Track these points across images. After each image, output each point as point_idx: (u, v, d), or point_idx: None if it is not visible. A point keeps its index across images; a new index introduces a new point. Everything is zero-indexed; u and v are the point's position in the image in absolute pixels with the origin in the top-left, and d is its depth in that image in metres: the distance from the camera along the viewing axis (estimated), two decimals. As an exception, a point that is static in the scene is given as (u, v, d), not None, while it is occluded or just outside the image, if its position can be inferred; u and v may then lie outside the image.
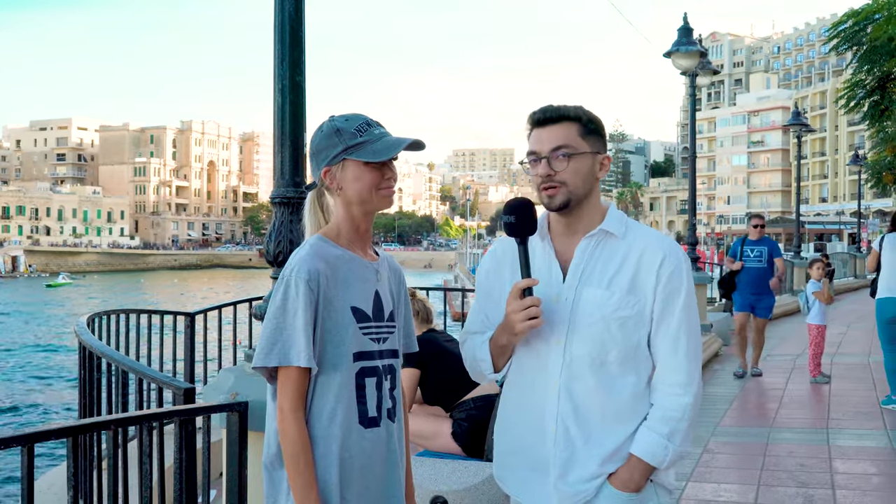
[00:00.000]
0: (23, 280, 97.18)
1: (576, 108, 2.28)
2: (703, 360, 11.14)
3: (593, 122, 2.28)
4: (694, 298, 2.27)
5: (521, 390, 2.33)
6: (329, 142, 2.26)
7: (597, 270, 2.24)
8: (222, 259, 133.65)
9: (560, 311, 2.24)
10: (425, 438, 4.80)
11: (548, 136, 2.24)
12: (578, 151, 2.23)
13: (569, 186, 2.23)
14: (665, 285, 2.21)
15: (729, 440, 7.09)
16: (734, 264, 10.49)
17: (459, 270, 74.50)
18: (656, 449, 2.19)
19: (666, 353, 2.23)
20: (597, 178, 2.30)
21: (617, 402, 2.22)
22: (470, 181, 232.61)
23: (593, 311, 2.21)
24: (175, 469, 2.94)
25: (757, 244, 10.41)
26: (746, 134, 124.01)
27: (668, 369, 2.22)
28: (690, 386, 2.21)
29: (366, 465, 2.24)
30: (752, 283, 10.31)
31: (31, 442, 2.34)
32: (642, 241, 2.26)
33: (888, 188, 25.53)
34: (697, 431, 7.12)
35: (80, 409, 5.08)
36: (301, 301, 2.15)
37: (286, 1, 3.65)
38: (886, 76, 15.12)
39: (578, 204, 2.26)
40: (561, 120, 2.25)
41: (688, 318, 2.23)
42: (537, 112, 2.28)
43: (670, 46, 13.09)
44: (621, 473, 2.21)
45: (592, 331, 2.21)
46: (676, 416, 2.20)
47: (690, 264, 2.33)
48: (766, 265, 10.32)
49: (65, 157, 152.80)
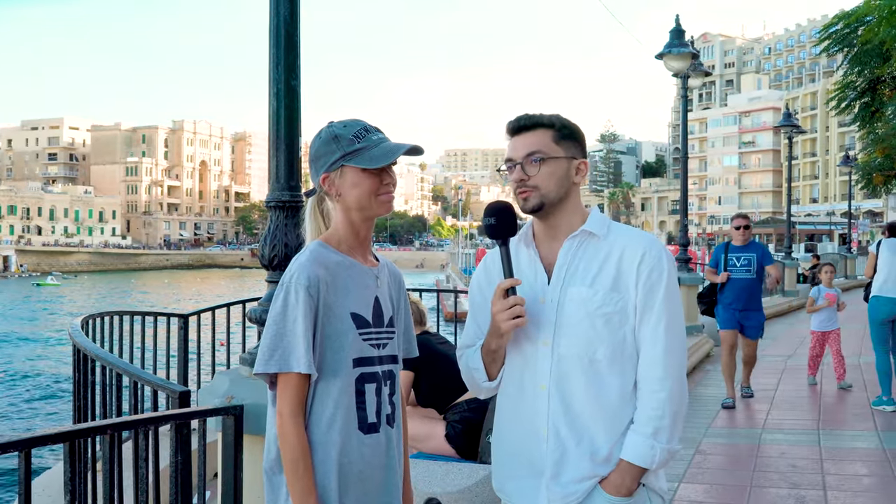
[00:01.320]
0: (14, 280, 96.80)
1: (550, 116, 2.33)
2: (695, 361, 11.20)
3: (568, 128, 2.32)
4: (676, 294, 2.28)
5: (513, 395, 2.35)
6: (327, 148, 2.28)
7: (580, 270, 2.27)
8: (214, 259, 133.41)
9: (546, 312, 2.27)
10: (419, 440, 4.82)
11: (522, 143, 2.30)
12: (551, 156, 2.27)
13: (541, 190, 2.27)
14: (645, 280, 2.23)
15: (721, 441, 7.12)
16: (717, 276, 8.75)
17: (451, 270, 74.59)
18: (643, 450, 2.20)
19: (646, 348, 2.24)
20: (574, 183, 2.33)
21: (607, 400, 2.23)
22: (462, 181, 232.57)
23: (578, 309, 2.24)
24: (171, 472, 2.95)
25: (743, 250, 8.68)
26: (737, 134, 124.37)
27: (647, 364, 2.24)
28: (666, 380, 2.21)
29: (364, 470, 2.25)
30: (739, 298, 8.64)
31: (28, 447, 2.35)
32: (623, 239, 2.29)
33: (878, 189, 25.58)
34: (689, 433, 7.16)
35: (74, 411, 5.08)
36: (301, 307, 2.16)
37: (281, 5, 3.66)
38: (877, 78, 15.19)
39: (554, 207, 2.30)
40: (535, 127, 2.30)
41: (668, 313, 2.24)
42: (512, 121, 2.34)
43: (662, 48, 13.14)
44: (613, 478, 2.22)
45: (578, 329, 2.23)
46: (657, 414, 2.20)
47: (673, 261, 2.33)
48: (754, 275, 8.65)
49: (56, 157, 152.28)
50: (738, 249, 8.71)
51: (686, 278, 13.09)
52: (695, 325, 12.63)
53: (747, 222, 8.79)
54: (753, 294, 8.72)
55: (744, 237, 8.70)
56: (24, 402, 24.69)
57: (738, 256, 8.67)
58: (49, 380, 28.11)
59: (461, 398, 4.86)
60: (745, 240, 8.70)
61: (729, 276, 8.63)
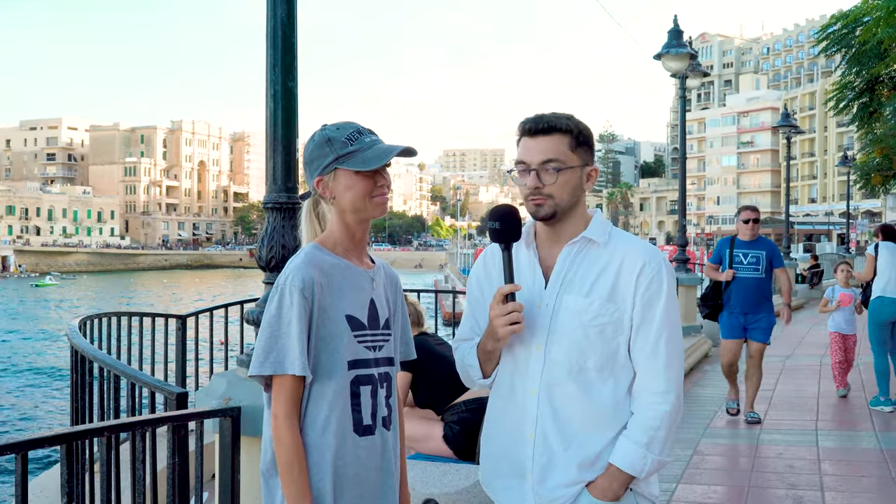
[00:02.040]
0: (12, 280, 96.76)
1: (567, 120, 2.27)
2: (693, 362, 11.21)
3: (583, 134, 2.28)
4: (675, 306, 2.27)
5: (504, 396, 2.36)
6: (320, 151, 2.28)
7: (578, 277, 2.25)
8: (212, 259, 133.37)
9: (541, 317, 2.26)
10: (416, 441, 4.82)
11: (538, 148, 2.24)
12: (568, 165, 2.23)
13: (556, 199, 2.24)
14: (644, 292, 2.22)
15: (719, 442, 7.12)
16: (720, 274, 7.78)
17: (450, 270, 74.61)
18: (634, 458, 2.19)
19: (645, 361, 2.23)
20: (584, 190, 2.30)
21: (596, 408, 2.22)
22: (460, 181, 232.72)
23: (573, 318, 2.23)
24: (168, 473, 2.95)
25: (751, 247, 7.69)
26: (736, 135, 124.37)
27: (647, 377, 2.23)
28: (669, 394, 2.21)
29: (360, 473, 2.25)
30: (746, 300, 7.66)
31: (25, 449, 2.36)
32: (623, 248, 2.27)
33: (877, 189, 25.61)
34: (687, 433, 7.16)
35: (72, 412, 5.08)
36: (295, 310, 2.16)
37: (278, 7, 3.66)
38: (875, 79, 15.18)
39: (564, 214, 2.28)
40: (552, 132, 2.24)
41: (668, 326, 2.23)
42: (529, 121, 2.27)
43: (661, 49, 13.14)
44: (600, 482, 2.21)
45: (572, 337, 2.22)
46: (655, 425, 2.20)
47: (672, 272, 2.32)
48: (763, 275, 7.65)
49: (55, 157, 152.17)
50: (745, 245, 7.71)
51: (684, 279, 13.11)
52: (693, 326, 12.64)
53: (756, 215, 7.79)
54: (763, 295, 7.71)
55: (752, 232, 7.69)
56: (21, 401, 24.68)
57: (744, 253, 7.68)
58: (47, 379, 28.12)
59: (459, 399, 4.86)
60: (753, 235, 7.69)
61: (734, 275, 7.67)
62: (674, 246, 15.70)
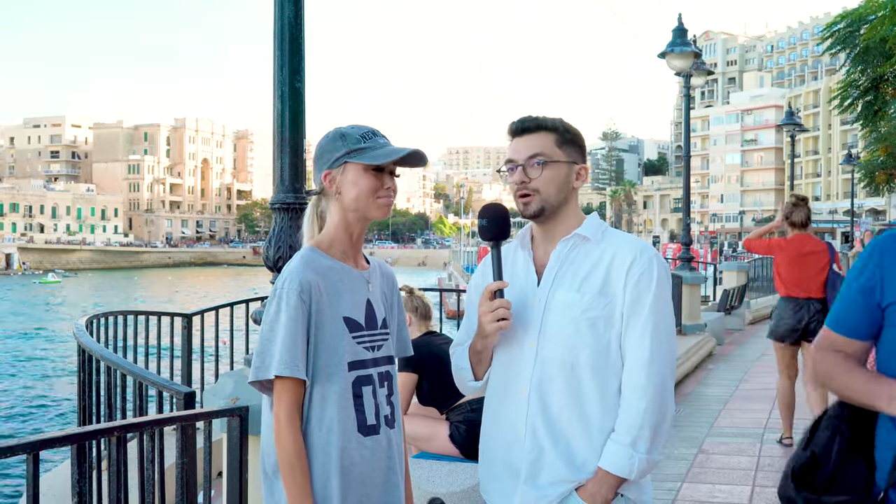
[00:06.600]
0: (17, 277, 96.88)
1: (553, 119, 2.33)
2: (696, 361, 11.19)
3: (570, 133, 2.33)
4: (666, 301, 2.25)
5: (498, 395, 2.36)
6: (333, 145, 2.31)
7: (569, 273, 2.27)
8: (216, 256, 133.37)
9: (533, 314, 2.27)
10: (422, 440, 4.82)
11: (524, 145, 2.30)
12: (553, 160, 2.28)
13: (542, 194, 2.27)
14: (634, 286, 2.21)
15: (724, 441, 7.12)
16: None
17: (453, 268, 74.51)
18: (621, 459, 2.17)
19: (631, 355, 2.21)
20: (573, 188, 2.33)
21: (587, 405, 2.22)
22: (464, 179, 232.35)
23: (564, 313, 2.24)
24: (176, 472, 2.97)
25: None
26: (740, 132, 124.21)
27: (630, 372, 2.21)
28: (647, 390, 2.17)
29: (365, 472, 2.27)
30: None
31: (35, 450, 2.38)
32: (615, 244, 2.28)
33: (881, 187, 25.62)
34: (691, 432, 7.17)
35: (79, 412, 5.10)
36: (293, 313, 2.18)
37: (286, 8, 3.68)
38: (880, 77, 15.15)
39: (554, 212, 2.30)
40: (538, 130, 2.31)
41: (655, 321, 2.21)
42: (516, 122, 2.34)
43: (665, 47, 13.15)
44: (590, 486, 2.19)
45: (563, 333, 2.23)
46: (636, 423, 2.16)
47: (666, 267, 2.30)
48: None
49: (58, 155, 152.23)
50: None
51: (689, 277, 13.09)
52: (697, 324, 12.64)
53: None
54: None
55: None
56: (29, 399, 24.75)
57: None
58: (54, 377, 28.19)
59: (463, 399, 4.87)
60: None
61: None
62: (678, 244, 15.70)
